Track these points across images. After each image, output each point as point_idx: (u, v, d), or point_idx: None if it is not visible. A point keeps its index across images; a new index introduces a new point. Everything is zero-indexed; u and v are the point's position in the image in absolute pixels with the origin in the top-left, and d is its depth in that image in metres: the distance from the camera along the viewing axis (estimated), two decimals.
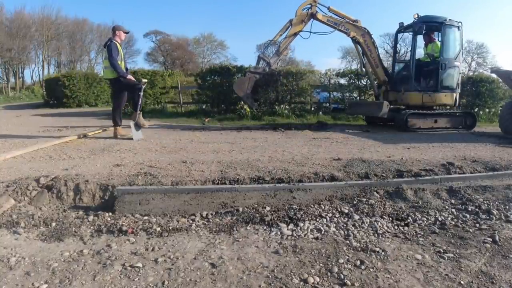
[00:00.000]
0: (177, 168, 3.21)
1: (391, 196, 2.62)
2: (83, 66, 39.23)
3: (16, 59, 30.74)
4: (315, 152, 4.21)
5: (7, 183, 2.59)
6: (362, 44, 7.37)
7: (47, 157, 3.68)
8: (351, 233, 1.97)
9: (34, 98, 23.37)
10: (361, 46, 7.46)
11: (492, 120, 9.96)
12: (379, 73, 7.64)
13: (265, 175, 3.01)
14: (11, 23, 30.91)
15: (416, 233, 1.98)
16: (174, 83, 12.18)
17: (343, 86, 11.04)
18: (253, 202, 2.44)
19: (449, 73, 7.22)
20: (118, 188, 2.55)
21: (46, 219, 2.14)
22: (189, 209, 2.33)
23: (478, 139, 5.75)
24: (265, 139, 5.38)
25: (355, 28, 7.31)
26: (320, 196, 2.58)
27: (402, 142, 5.26)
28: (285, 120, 9.00)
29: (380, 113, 6.97)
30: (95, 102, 16.06)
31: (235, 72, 10.23)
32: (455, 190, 2.71)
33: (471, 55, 40.13)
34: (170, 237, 1.91)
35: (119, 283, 1.43)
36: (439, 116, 7.24)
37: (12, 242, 1.83)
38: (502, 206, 2.40)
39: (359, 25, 7.35)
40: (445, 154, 4.15)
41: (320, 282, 1.45)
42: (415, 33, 7.34)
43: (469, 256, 1.70)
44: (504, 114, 6.61)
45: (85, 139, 5.12)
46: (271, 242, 1.85)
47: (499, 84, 10.69)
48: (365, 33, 7.37)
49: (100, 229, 2.00)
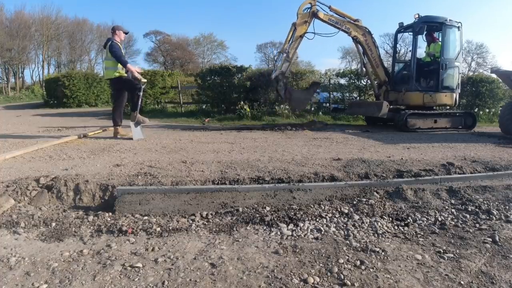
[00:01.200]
0: (177, 168, 3.21)
1: (391, 196, 2.62)
2: (83, 66, 39.28)
3: (16, 59, 30.73)
4: (315, 152, 4.21)
5: (7, 183, 2.59)
6: (363, 43, 7.36)
7: (47, 157, 3.68)
8: (351, 233, 1.97)
9: (34, 98, 23.37)
10: (361, 46, 7.45)
11: (492, 120, 9.96)
12: (379, 73, 7.64)
13: (265, 175, 3.01)
14: (11, 23, 30.92)
15: (416, 233, 1.98)
16: (174, 83, 12.19)
17: (343, 86, 11.05)
18: (253, 202, 2.44)
19: (449, 73, 7.23)
20: (118, 188, 2.55)
21: (46, 219, 2.14)
22: (189, 209, 2.33)
23: (478, 139, 5.75)
24: (265, 139, 5.38)
25: (356, 27, 7.30)
26: (320, 196, 2.58)
27: (402, 142, 5.26)
28: (285, 120, 9.00)
29: (380, 113, 6.97)
30: (95, 102, 16.08)
31: (235, 72, 10.24)
32: (455, 190, 2.70)
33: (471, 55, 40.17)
34: (170, 237, 1.91)
35: (119, 283, 1.43)
36: (439, 116, 7.24)
37: (12, 242, 1.82)
38: (502, 206, 2.40)
39: (360, 25, 7.34)
40: (445, 154, 4.15)
41: (320, 282, 1.45)
42: (415, 33, 7.34)
43: (469, 256, 1.70)
44: (504, 114, 6.61)
45: (85, 139, 5.12)
46: (271, 242, 1.85)
47: (499, 84, 10.69)
48: (366, 32, 7.36)
49: (100, 229, 1.99)
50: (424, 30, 7.11)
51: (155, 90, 11.48)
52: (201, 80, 10.61)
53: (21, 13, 32.29)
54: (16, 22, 30.90)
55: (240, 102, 9.61)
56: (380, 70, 7.62)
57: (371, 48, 7.45)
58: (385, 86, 7.72)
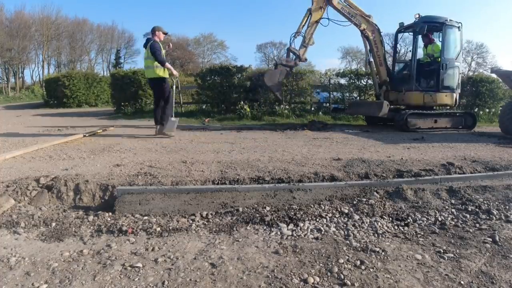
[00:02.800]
0: (177, 168, 3.21)
1: (391, 196, 2.62)
2: (83, 66, 39.29)
3: (16, 59, 30.74)
4: (315, 152, 4.21)
5: (7, 183, 2.59)
6: (371, 40, 7.37)
7: (47, 157, 3.68)
8: (351, 233, 1.97)
9: (34, 98, 23.37)
10: (369, 42, 7.46)
11: (492, 120, 9.95)
12: (382, 72, 7.64)
13: (265, 175, 3.00)
14: (11, 23, 30.93)
15: (416, 233, 1.98)
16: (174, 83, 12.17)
17: (343, 86, 11.03)
18: (253, 202, 2.43)
19: (449, 73, 7.22)
20: (118, 188, 2.55)
21: (46, 219, 2.14)
22: (189, 209, 2.33)
23: (478, 139, 5.75)
24: (265, 139, 5.38)
25: (366, 22, 7.31)
26: (320, 196, 2.58)
27: (402, 142, 5.26)
28: (285, 120, 9.00)
29: (380, 113, 6.97)
30: (95, 102, 16.09)
31: (235, 72, 10.24)
32: (455, 190, 2.70)
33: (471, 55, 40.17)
34: (170, 237, 1.91)
35: (119, 283, 1.43)
36: (439, 116, 7.24)
37: (12, 242, 1.82)
38: (502, 206, 2.40)
39: (371, 21, 7.35)
40: (445, 154, 4.15)
41: (320, 282, 1.45)
42: (416, 33, 7.34)
43: (469, 256, 1.70)
44: (504, 114, 6.61)
45: (85, 139, 5.12)
46: (271, 242, 1.85)
47: (499, 84, 10.68)
48: (375, 29, 7.37)
49: (100, 229, 1.99)
50: (425, 30, 7.10)
51: None
52: (201, 80, 10.60)
53: (21, 13, 32.35)
54: (16, 22, 30.91)
55: (240, 102, 9.61)
56: (383, 69, 7.62)
57: (377, 46, 7.45)
58: (386, 86, 7.72)
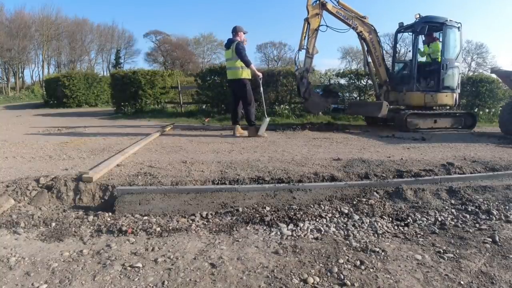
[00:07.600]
0: (177, 168, 3.21)
1: (391, 196, 2.62)
2: (83, 66, 39.30)
3: (16, 59, 30.72)
4: (315, 152, 4.21)
5: (7, 183, 2.59)
6: (368, 41, 7.36)
7: (47, 157, 3.68)
8: (351, 233, 1.97)
9: (34, 98, 23.36)
10: (366, 44, 7.45)
11: (492, 120, 9.94)
12: (381, 73, 7.64)
13: (265, 175, 3.00)
14: (11, 23, 30.91)
15: (416, 233, 1.98)
16: (174, 83, 12.17)
17: (343, 86, 11.03)
18: (253, 202, 2.44)
19: (449, 73, 7.22)
20: (118, 188, 2.55)
21: (46, 219, 2.14)
22: (189, 209, 2.33)
23: (478, 139, 5.74)
24: (265, 139, 5.38)
25: (362, 24, 7.30)
26: (320, 196, 2.58)
27: (402, 142, 5.26)
28: (285, 120, 8.99)
29: (380, 113, 6.96)
30: (95, 102, 16.08)
31: None
32: (455, 190, 2.70)
33: (470, 55, 40.19)
34: (170, 237, 1.91)
35: (119, 283, 1.43)
36: (439, 116, 7.24)
37: (12, 242, 1.82)
38: (502, 206, 2.40)
39: (366, 22, 7.35)
40: (445, 154, 4.15)
41: (320, 282, 1.45)
42: (416, 33, 7.33)
43: (469, 256, 1.70)
44: (504, 114, 6.61)
45: (85, 139, 5.12)
46: (271, 242, 1.85)
47: (499, 84, 10.68)
48: (371, 30, 7.36)
49: (100, 229, 1.99)
50: (425, 30, 7.10)
51: (155, 90, 11.46)
52: (201, 80, 10.59)
53: (21, 13, 32.35)
54: (16, 22, 30.89)
55: None
56: (382, 70, 7.61)
57: (375, 47, 7.44)
58: (386, 86, 7.71)
